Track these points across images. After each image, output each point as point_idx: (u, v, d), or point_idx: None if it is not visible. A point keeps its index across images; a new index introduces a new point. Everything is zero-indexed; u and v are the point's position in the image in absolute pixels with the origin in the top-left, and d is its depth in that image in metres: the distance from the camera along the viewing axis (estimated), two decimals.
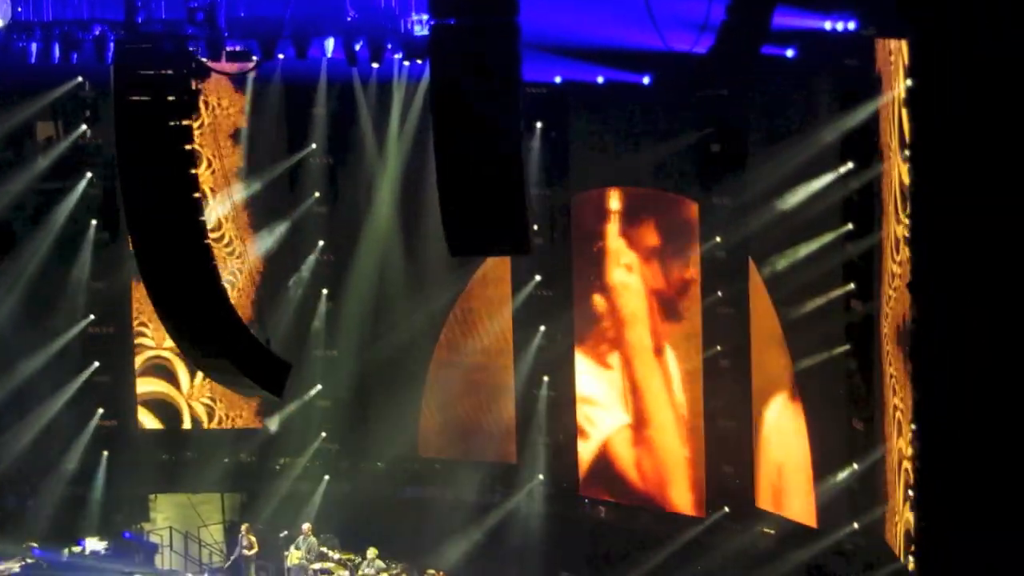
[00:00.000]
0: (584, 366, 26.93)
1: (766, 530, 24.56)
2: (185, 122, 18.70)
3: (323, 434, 28.75)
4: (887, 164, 20.46)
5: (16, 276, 27.51)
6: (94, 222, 27.96)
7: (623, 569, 26.12)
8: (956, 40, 16.44)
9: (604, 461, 26.88)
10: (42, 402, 27.70)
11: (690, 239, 25.33)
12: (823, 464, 23.25)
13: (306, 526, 26.86)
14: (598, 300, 26.71)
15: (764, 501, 24.70)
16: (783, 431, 24.18)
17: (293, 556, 26.62)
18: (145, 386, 28.65)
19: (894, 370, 20.58)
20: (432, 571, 26.02)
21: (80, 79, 27.18)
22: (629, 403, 26.62)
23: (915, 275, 18.36)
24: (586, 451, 27.16)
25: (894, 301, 20.22)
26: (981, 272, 16.78)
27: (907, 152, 18.29)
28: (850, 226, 22.15)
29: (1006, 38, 16.17)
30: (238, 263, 28.31)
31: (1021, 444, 16.93)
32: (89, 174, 27.90)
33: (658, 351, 26.08)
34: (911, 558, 19.63)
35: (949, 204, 17.08)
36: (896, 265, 19.95)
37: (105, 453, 28.32)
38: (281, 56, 23.57)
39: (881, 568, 21.29)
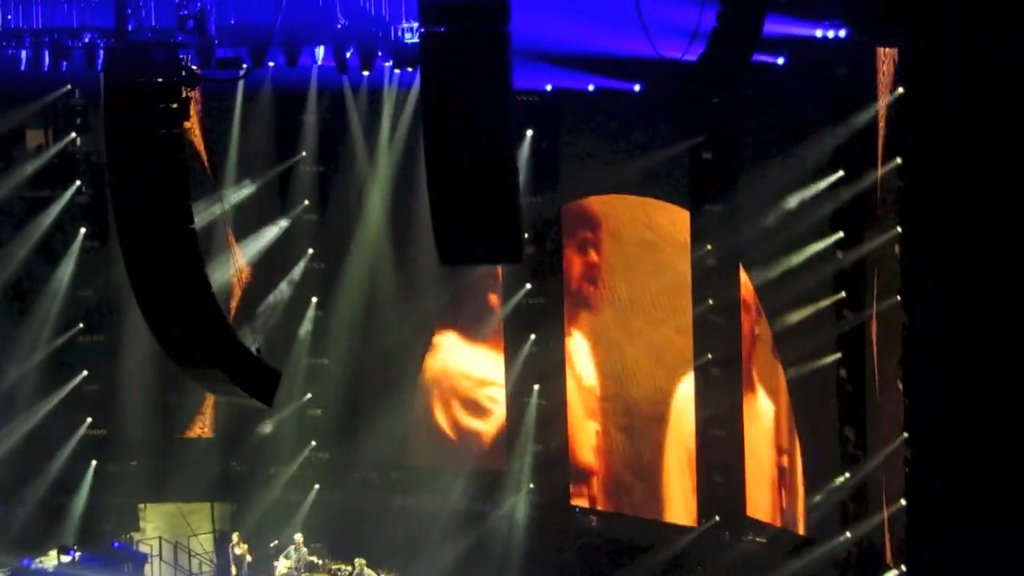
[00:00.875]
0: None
1: (757, 539, 24.52)
2: (175, 130, 18.65)
3: (313, 443, 28.67)
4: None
5: (3, 284, 27.44)
6: (83, 230, 27.88)
7: None
8: (945, 47, 16.47)
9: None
10: (31, 410, 27.60)
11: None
12: (815, 473, 23.23)
13: (298, 536, 26.74)
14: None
15: (755, 510, 24.65)
16: (774, 440, 24.15)
17: (283, 565, 26.52)
18: None
19: (885, 377, 20.58)
20: None
21: (70, 87, 27.15)
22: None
23: (906, 282, 18.38)
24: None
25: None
26: (972, 277, 16.80)
27: (901, 160, 18.32)
28: (841, 234, 22.13)
29: (994, 44, 16.20)
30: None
31: (1012, 449, 16.94)
32: (78, 182, 27.82)
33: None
34: (903, 565, 19.61)
35: (940, 209, 17.11)
36: None
37: (93, 462, 28.24)
38: (271, 64, 23.50)
39: None
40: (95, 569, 26.97)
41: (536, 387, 27.39)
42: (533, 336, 27.37)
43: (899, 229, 18.85)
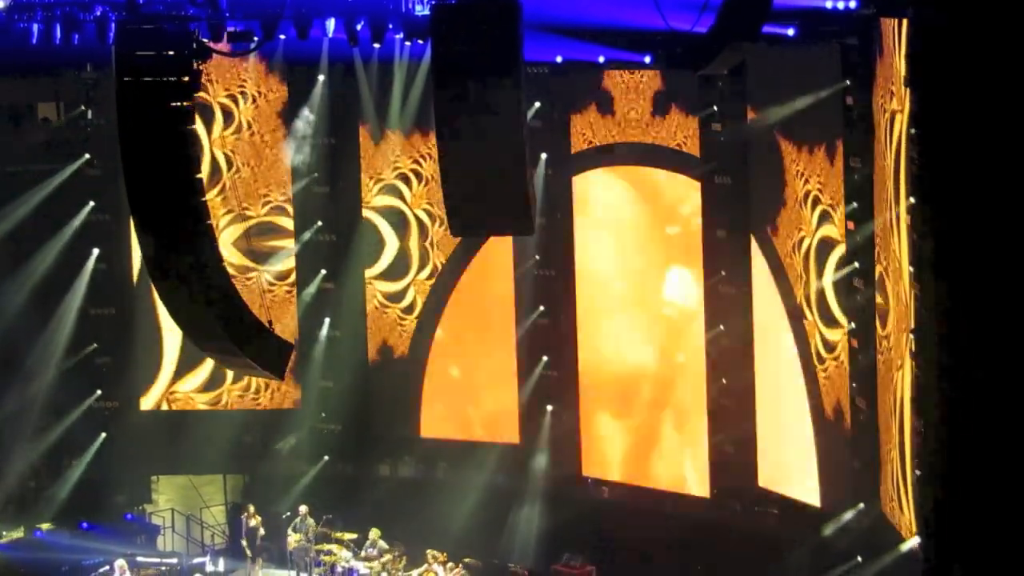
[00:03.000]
0: None
1: (769, 510, 24.56)
2: (186, 103, 18.67)
3: (323, 414, 28.71)
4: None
5: (14, 257, 27.50)
6: (92, 203, 27.90)
7: (625, 549, 26.14)
8: (957, 19, 16.40)
9: None
10: (46, 387, 27.68)
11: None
12: (827, 444, 23.25)
13: (303, 508, 26.73)
14: None
15: (767, 481, 24.70)
16: (786, 411, 24.17)
17: (293, 539, 26.55)
18: None
19: (897, 351, 20.58)
20: (434, 552, 25.97)
21: (82, 60, 27.15)
22: None
23: (919, 258, 18.36)
24: None
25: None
26: (985, 249, 16.77)
27: (912, 131, 18.27)
28: (854, 205, 22.11)
29: (1005, 15, 16.13)
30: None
31: None
32: (87, 155, 27.87)
33: None
34: (917, 538, 19.64)
35: (954, 186, 17.06)
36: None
37: (103, 434, 28.32)
38: (282, 36, 23.51)
39: (887, 548, 21.28)
40: (108, 541, 27.07)
41: (545, 358, 27.42)
42: (542, 307, 27.39)
43: (911, 200, 18.81)
